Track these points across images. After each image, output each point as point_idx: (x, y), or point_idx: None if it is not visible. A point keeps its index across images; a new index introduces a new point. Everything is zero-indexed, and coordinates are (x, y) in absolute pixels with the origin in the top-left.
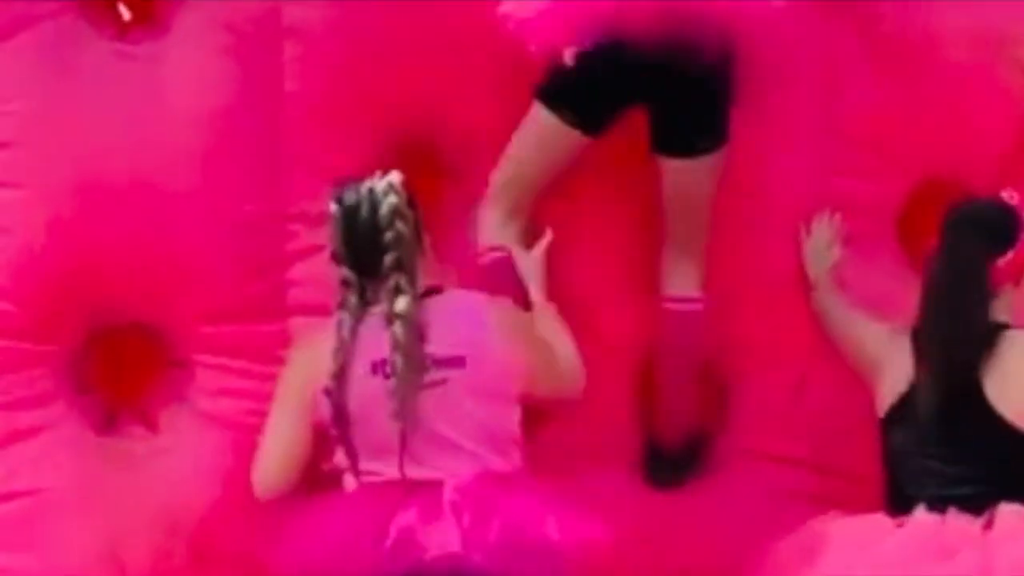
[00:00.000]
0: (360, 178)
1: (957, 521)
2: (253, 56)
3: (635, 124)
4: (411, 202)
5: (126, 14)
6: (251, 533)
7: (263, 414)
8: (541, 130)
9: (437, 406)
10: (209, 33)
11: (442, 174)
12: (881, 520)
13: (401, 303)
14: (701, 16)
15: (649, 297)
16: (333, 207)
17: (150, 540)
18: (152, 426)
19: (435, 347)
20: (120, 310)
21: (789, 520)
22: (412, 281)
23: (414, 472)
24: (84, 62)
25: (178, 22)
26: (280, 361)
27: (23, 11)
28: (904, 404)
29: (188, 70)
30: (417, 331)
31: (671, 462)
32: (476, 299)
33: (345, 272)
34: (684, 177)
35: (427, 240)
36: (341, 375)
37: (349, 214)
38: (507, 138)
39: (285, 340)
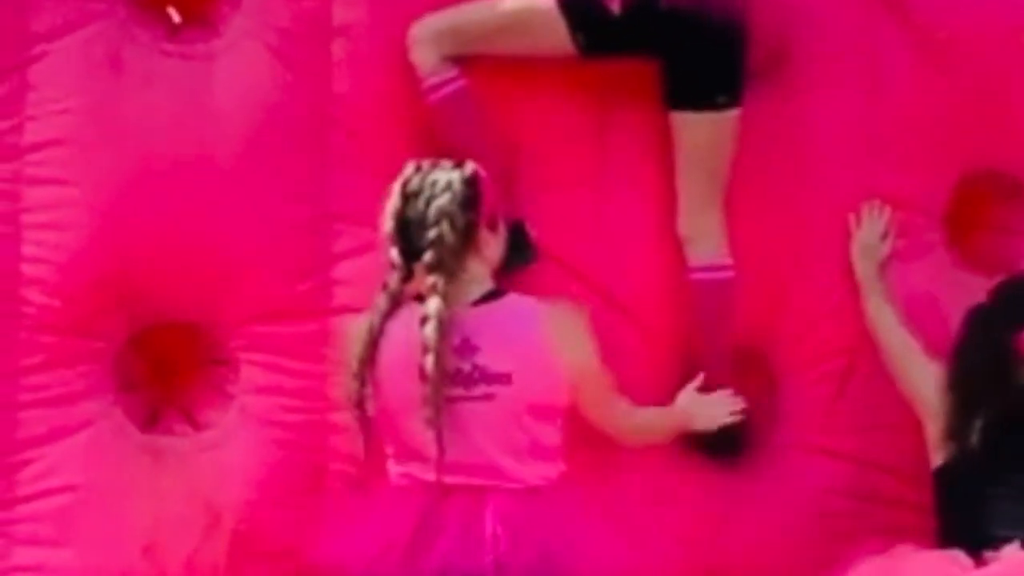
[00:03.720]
0: (437, 161)
1: None
2: (302, 57)
3: None
4: (471, 202)
5: (175, 16)
6: (292, 530)
7: (306, 411)
8: (536, 21)
9: (482, 420)
10: (258, 34)
11: None
12: (959, 557)
13: (433, 304)
14: None
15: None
16: (397, 186)
17: (191, 536)
18: (195, 423)
19: (487, 360)
20: (166, 308)
21: (834, 515)
22: (450, 282)
23: (452, 480)
24: (134, 62)
25: (228, 23)
26: (324, 359)
27: (74, 11)
28: (964, 455)
29: (237, 70)
30: (448, 335)
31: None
32: (532, 307)
33: (393, 254)
34: (703, 132)
35: (491, 241)
36: (366, 362)
37: (406, 200)
38: (556, 139)
39: (329, 339)
